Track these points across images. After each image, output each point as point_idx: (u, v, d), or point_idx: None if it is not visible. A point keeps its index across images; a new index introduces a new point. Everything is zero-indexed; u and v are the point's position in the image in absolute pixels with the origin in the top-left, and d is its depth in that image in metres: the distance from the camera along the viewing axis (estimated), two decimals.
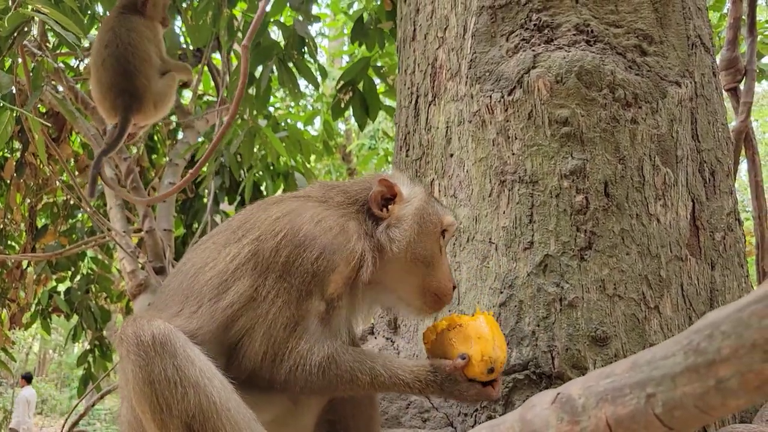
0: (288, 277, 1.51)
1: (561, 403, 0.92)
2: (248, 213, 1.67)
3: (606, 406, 0.85)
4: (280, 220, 1.59)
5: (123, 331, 1.41)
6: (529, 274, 1.87)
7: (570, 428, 0.88)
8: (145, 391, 1.36)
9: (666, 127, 1.97)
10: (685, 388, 0.78)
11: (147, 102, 3.20)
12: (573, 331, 1.78)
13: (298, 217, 1.59)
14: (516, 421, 0.99)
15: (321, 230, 1.56)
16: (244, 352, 1.52)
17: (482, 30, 2.12)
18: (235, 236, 1.59)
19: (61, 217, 6.59)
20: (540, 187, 1.92)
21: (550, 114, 1.94)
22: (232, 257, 1.55)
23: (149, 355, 1.36)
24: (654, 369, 0.82)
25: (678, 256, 1.90)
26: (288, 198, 1.72)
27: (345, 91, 3.86)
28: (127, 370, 1.39)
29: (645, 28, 2.05)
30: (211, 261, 1.57)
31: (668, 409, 0.79)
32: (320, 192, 1.73)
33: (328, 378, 1.51)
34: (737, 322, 0.75)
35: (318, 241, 1.54)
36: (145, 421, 1.41)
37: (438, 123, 2.25)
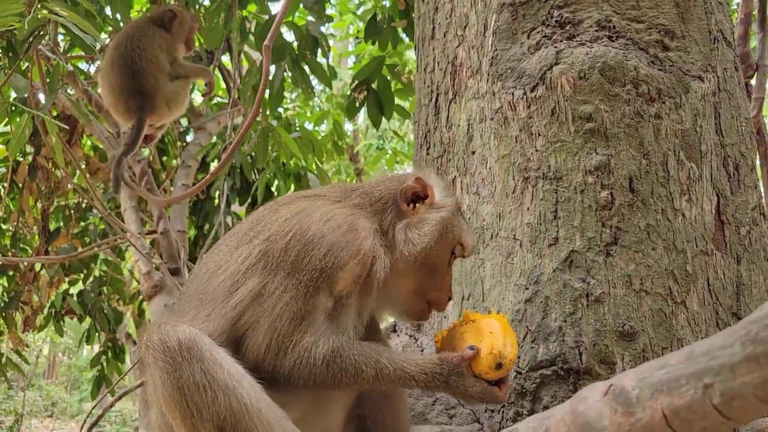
0: (296, 274, 1.53)
1: (614, 394, 0.92)
2: (259, 215, 1.69)
3: (661, 397, 0.86)
4: (289, 220, 1.60)
5: (149, 338, 1.42)
6: (554, 270, 1.88)
7: (625, 420, 0.88)
8: (174, 396, 1.38)
9: (690, 122, 1.97)
10: (744, 378, 0.78)
11: (159, 101, 3.22)
12: (600, 327, 1.79)
13: (307, 217, 1.60)
14: (567, 413, 0.99)
15: (329, 228, 1.57)
16: (247, 344, 1.53)
17: (503, 27, 2.12)
18: (246, 238, 1.62)
19: (74, 219, 6.62)
20: (564, 183, 1.92)
21: (574, 110, 1.94)
22: (244, 258, 1.57)
23: (176, 360, 1.37)
24: (711, 359, 0.82)
25: (704, 251, 1.90)
26: (298, 198, 1.74)
27: (359, 90, 3.87)
28: (155, 376, 1.41)
29: (667, 23, 2.05)
30: (223, 264, 1.60)
31: (726, 399, 0.79)
32: (338, 192, 1.74)
33: (332, 371, 1.51)
34: None
35: (326, 239, 1.55)
36: (176, 426, 1.42)
37: (459, 120, 2.25)
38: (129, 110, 3.20)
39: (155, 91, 3.19)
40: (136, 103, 3.17)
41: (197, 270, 1.71)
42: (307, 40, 3.72)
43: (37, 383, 20.24)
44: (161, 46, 3.20)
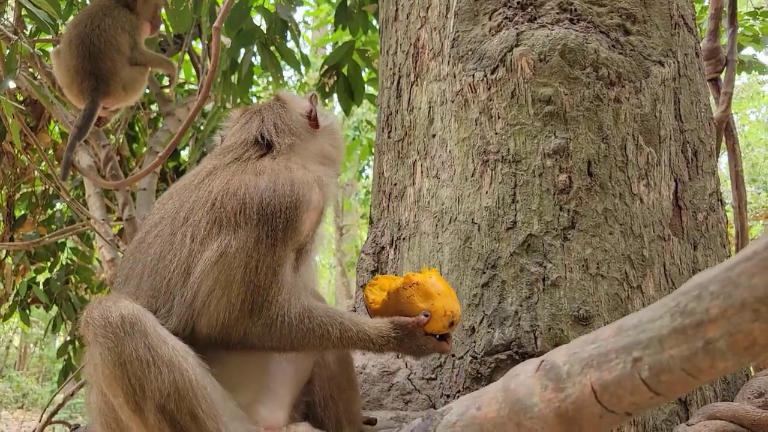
0: (260, 225, 1.48)
1: (545, 370, 0.90)
2: (178, 199, 1.59)
3: (591, 372, 0.84)
4: (231, 182, 1.54)
5: (88, 314, 1.36)
6: (512, 254, 1.86)
7: (554, 396, 0.86)
8: (116, 373, 1.31)
9: (649, 106, 1.96)
10: (672, 350, 0.76)
11: (115, 85, 3.11)
12: (556, 311, 1.77)
13: (249, 176, 1.56)
14: (499, 390, 0.97)
15: (276, 180, 1.54)
16: (212, 310, 1.45)
17: (465, 9, 2.09)
18: (179, 220, 1.53)
19: (40, 206, 6.49)
20: (523, 166, 1.90)
21: (533, 93, 1.92)
22: (191, 236, 1.50)
23: (118, 335, 1.31)
24: (641, 332, 0.80)
25: (661, 236, 1.89)
26: (210, 171, 1.64)
27: (329, 75, 3.82)
28: (95, 354, 1.34)
29: (628, 7, 2.03)
30: (168, 253, 1.50)
31: (655, 373, 0.77)
32: (248, 150, 1.69)
33: (302, 331, 1.48)
34: (726, 281, 0.73)
35: (279, 189, 1.51)
36: (118, 405, 1.36)
37: (420, 103, 2.22)
38: (83, 92, 3.10)
39: (112, 74, 3.09)
40: (91, 84, 3.07)
41: (128, 272, 1.56)
42: (277, 24, 3.66)
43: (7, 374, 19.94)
44: (124, 27, 3.11)
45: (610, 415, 0.86)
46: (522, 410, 0.93)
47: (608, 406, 0.83)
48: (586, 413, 0.87)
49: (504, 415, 0.96)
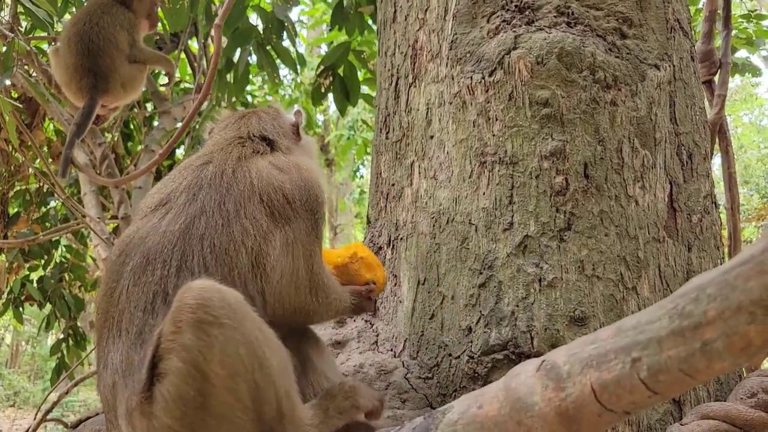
0: (306, 218, 1.65)
1: (546, 370, 0.92)
2: (215, 191, 1.60)
3: (591, 372, 0.85)
4: (270, 178, 1.65)
5: (201, 296, 1.30)
6: (508, 254, 1.88)
7: (555, 395, 0.88)
8: (239, 352, 1.29)
9: (645, 109, 1.98)
10: (670, 351, 0.78)
11: (114, 82, 3.11)
12: (552, 311, 1.79)
13: (282, 172, 1.69)
14: (500, 389, 0.98)
15: (307, 172, 1.72)
16: (284, 295, 1.59)
17: (463, 11, 2.11)
18: (228, 213, 1.56)
19: (34, 204, 6.48)
20: (520, 168, 1.92)
21: (531, 95, 1.94)
22: (253, 231, 1.55)
23: (238, 316, 1.30)
24: (639, 333, 0.82)
25: (656, 238, 1.91)
26: (245, 157, 1.71)
27: (325, 76, 3.83)
28: (213, 334, 1.27)
29: (625, 11, 2.05)
30: (230, 245, 1.51)
31: (653, 373, 0.79)
32: (257, 142, 1.80)
33: (335, 304, 1.76)
34: (723, 284, 0.75)
35: (313, 182, 1.71)
36: (227, 386, 1.29)
37: (418, 105, 2.23)
38: (81, 89, 3.10)
39: (110, 71, 3.09)
40: (89, 82, 3.07)
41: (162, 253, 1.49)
42: (273, 23, 3.66)
43: None
44: (122, 25, 3.10)
45: (609, 414, 0.88)
46: (523, 408, 0.95)
47: (607, 405, 0.85)
48: (586, 412, 0.88)
49: (505, 413, 0.98)
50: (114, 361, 1.38)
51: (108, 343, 1.42)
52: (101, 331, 1.47)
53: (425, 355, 2.01)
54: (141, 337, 1.38)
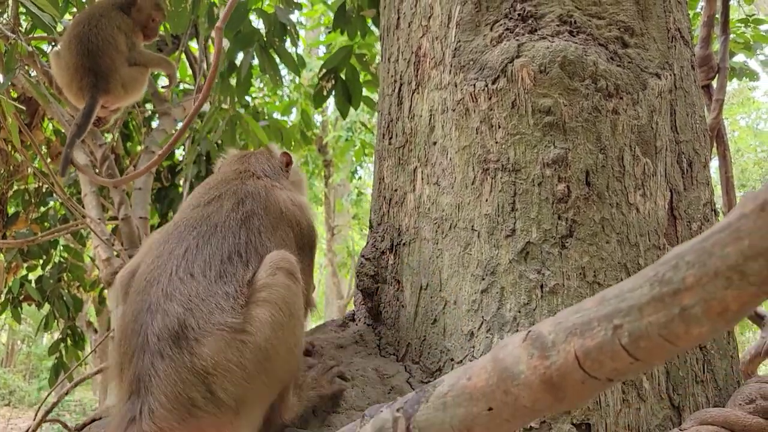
0: (310, 252, 2.05)
1: (531, 339, 0.95)
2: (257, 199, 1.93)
3: (575, 340, 0.88)
4: (279, 202, 1.97)
5: (289, 258, 1.72)
6: (510, 261, 1.90)
7: (540, 363, 0.91)
8: (298, 303, 1.69)
9: (646, 118, 2.00)
10: (650, 317, 0.81)
11: (114, 82, 3.13)
12: None
13: (291, 203, 2.02)
14: (488, 361, 1.01)
15: (310, 212, 2.10)
16: None
17: (466, 19, 2.13)
18: (271, 220, 1.90)
19: (33, 204, 6.48)
20: (522, 175, 1.94)
21: (534, 103, 1.96)
22: (287, 240, 1.92)
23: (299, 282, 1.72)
24: (621, 301, 0.85)
25: (656, 245, 1.93)
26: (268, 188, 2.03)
27: (327, 79, 3.84)
28: (294, 282, 1.68)
29: (626, 20, 2.07)
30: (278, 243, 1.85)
31: (634, 339, 0.82)
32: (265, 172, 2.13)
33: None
34: (701, 251, 0.78)
35: (313, 222, 2.09)
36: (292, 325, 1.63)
37: (421, 111, 2.25)
38: (82, 89, 3.11)
39: (110, 71, 3.11)
40: (90, 81, 3.09)
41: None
42: (276, 27, 3.68)
43: None
44: (120, 28, 3.12)
45: (592, 381, 0.91)
46: (509, 377, 0.98)
47: (590, 372, 0.88)
48: (570, 379, 0.91)
49: (492, 383, 1.00)
50: (185, 293, 1.56)
51: (171, 283, 1.59)
52: (155, 278, 1.63)
53: (427, 360, 2.03)
54: (223, 279, 1.62)
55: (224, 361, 1.46)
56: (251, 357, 1.50)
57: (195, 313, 1.51)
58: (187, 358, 1.46)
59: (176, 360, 1.46)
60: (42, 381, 20.59)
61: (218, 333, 1.49)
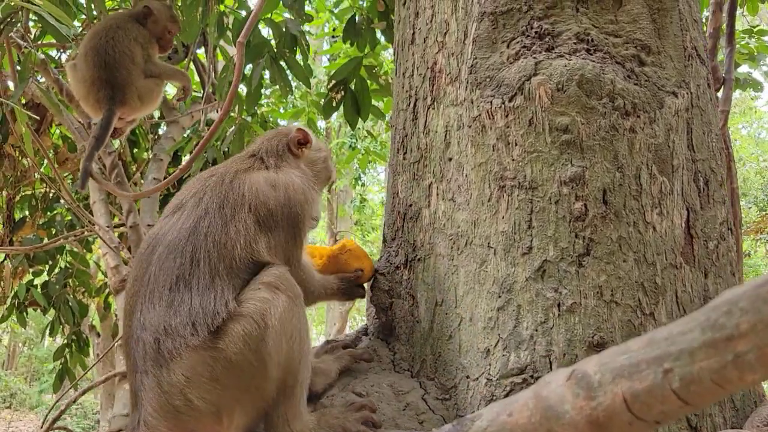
0: (287, 227, 1.97)
1: (577, 379, 0.94)
2: (216, 195, 1.93)
3: (622, 382, 0.88)
4: (258, 191, 1.96)
5: (281, 272, 1.82)
6: (527, 279, 1.90)
7: (586, 403, 0.91)
8: (292, 321, 1.75)
9: (663, 136, 2.01)
10: (702, 363, 0.81)
11: (131, 94, 3.15)
12: (571, 337, 1.81)
13: (267, 184, 1.99)
14: (530, 397, 1.01)
15: (289, 190, 2.01)
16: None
17: (483, 36, 2.14)
18: (225, 215, 1.88)
19: (40, 209, 6.49)
20: (539, 193, 1.94)
21: (551, 121, 1.97)
22: (244, 233, 1.87)
23: (298, 298, 1.80)
24: (671, 345, 0.85)
25: (673, 264, 1.94)
26: (235, 173, 2.02)
27: (336, 90, 3.85)
28: (281, 297, 1.75)
29: (643, 38, 2.08)
30: (228, 242, 1.84)
31: (685, 384, 0.82)
32: (254, 161, 2.12)
33: (313, 292, 2.10)
34: (755, 298, 0.79)
35: (291, 199, 2.00)
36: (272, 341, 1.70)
37: (437, 127, 2.26)
38: (99, 101, 3.13)
39: (127, 83, 3.12)
40: (107, 94, 3.10)
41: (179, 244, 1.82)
42: (286, 38, 3.69)
43: None
44: (137, 39, 3.14)
45: (639, 423, 0.91)
46: (553, 417, 0.98)
47: (638, 415, 0.88)
48: (617, 421, 0.91)
49: (535, 421, 1.00)
50: (153, 324, 1.70)
51: (142, 313, 1.74)
52: (133, 306, 1.78)
53: (443, 376, 2.03)
54: (170, 308, 1.71)
55: (196, 376, 1.65)
56: (222, 369, 1.66)
57: (164, 341, 1.68)
58: (165, 373, 1.66)
59: (158, 376, 1.67)
60: (43, 384, 20.57)
61: (186, 353, 1.67)
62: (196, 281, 1.75)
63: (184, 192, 1.98)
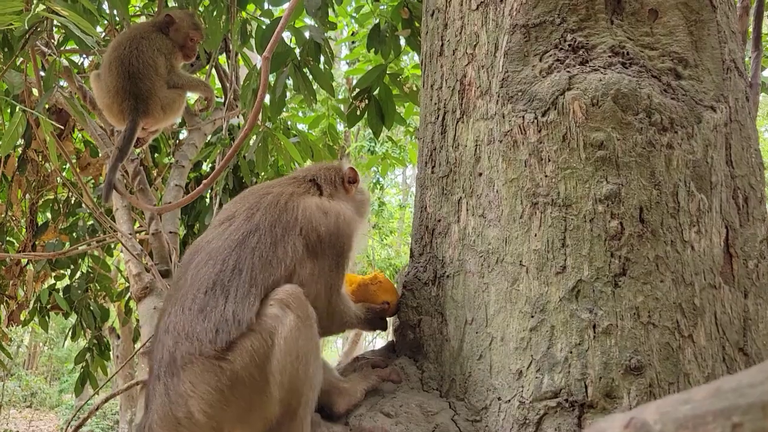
0: (333, 256, 1.99)
1: (636, 428, 0.89)
2: (269, 215, 1.95)
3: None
4: (312, 217, 1.99)
5: (295, 292, 1.80)
6: (561, 299, 1.85)
7: None
8: (299, 341, 1.73)
9: (701, 152, 1.95)
10: None
11: (154, 105, 3.15)
12: (607, 359, 1.76)
13: (320, 212, 2.03)
14: None
15: (339, 219, 2.04)
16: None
17: (515, 49, 2.09)
18: (276, 235, 1.90)
19: (62, 214, 6.53)
20: (573, 210, 1.90)
21: (585, 137, 1.92)
22: (291, 254, 1.89)
23: (309, 319, 1.78)
24: (740, 396, 0.79)
25: (712, 284, 1.88)
26: (297, 194, 2.07)
27: (361, 99, 3.82)
28: (290, 316, 1.74)
29: (680, 51, 2.03)
30: (273, 260, 1.86)
31: None
32: (307, 185, 2.15)
33: (347, 323, 2.13)
34: None
35: (341, 230, 2.03)
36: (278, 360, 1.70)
37: (466, 141, 2.22)
38: (123, 112, 3.14)
39: (150, 93, 3.12)
40: (131, 104, 3.11)
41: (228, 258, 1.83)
42: (310, 46, 3.67)
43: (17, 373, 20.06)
44: (160, 50, 3.14)
45: None
46: None
47: None
48: None
49: None
50: (177, 328, 1.72)
51: (171, 316, 1.76)
52: (166, 308, 1.82)
53: (473, 397, 1.99)
54: (203, 313, 1.72)
55: (201, 385, 1.66)
56: (227, 382, 1.66)
57: (180, 347, 1.70)
58: (175, 381, 1.67)
59: (167, 384, 1.68)
60: (63, 384, 20.78)
61: (197, 361, 1.67)
62: (235, 288, 1.76)
63: (236, 205, 2.01)
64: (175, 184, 4.86)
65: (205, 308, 1.72)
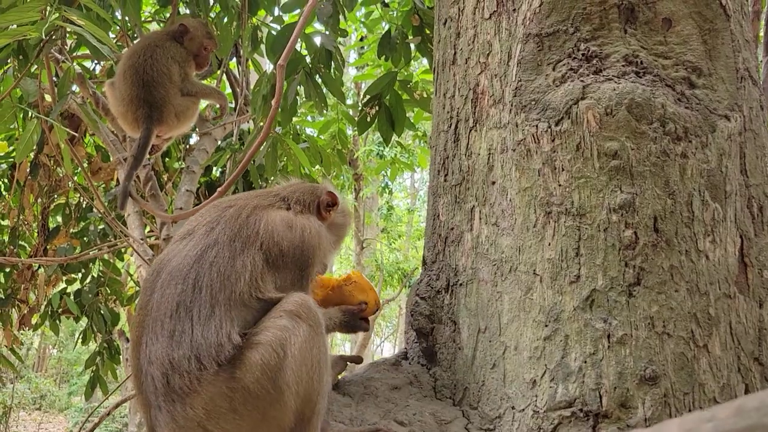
0: (296, 268, 1.92)
1: None
2: (229, 228, 1.89)
3: None
4: (274, 231, 1.92)
5: (304, 300, 1.78)
6: (575, 308, 1.85)
7: None
8: (312, 350, 1.71)
9: (715, 161, 1.95)
10: None
11: (168, 112, 3.18)
12: (622, 369, 1.76)
13: (283, 225, 1.96)
14: None
15: (305, 234, 1.97)
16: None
17: (528, 58, 2.10)
18: (236, 249, 1.84)
19: (74, 218, 6.57)
20: (588, 220, 1.90)
21: (599, 146, 1.92)
22: (251, 269, 1.82)
23: (320, 328, 1.76)
24: (764, 416, 0.79)
25: (726, 294, 1.88)
26: (255, 209, 1.99)
27: (371, 105, 3.83)
28: (302, 326, 1.71)
29: (694, 59, 2.03)
30: (231, 275, 1.79)
31: None
32: (278, 201, 2.09)
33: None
34: None
35: (306, 243, 1.96)
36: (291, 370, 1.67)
37: (479, 149, 2.22)
38: (137, 120, 3.17)
39: (165, 101, 3.15)
40: (145, 112, 3.13)
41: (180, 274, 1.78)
42: (321, 53, 3.68)
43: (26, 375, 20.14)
44: (174, 58, 3.16)
45: None
46: None
47: None
48: None
49: None
50: (158, 357, 1.67)
51: (148, 346, 1.71)
52: (139, 336, 1.75)
53: (486, 406, 1.99)
54: (172, 339, 1.67)
55: (216, 408, 1.63)
56: (241, 399, 1.64)
57: (172, 377, 1.65)
58: (180, 408, 1.64)
59: (172, 411, 1.64)
60: (72, 386, 20.85)
61: (202, 388, 1.64)
62: (197, 309, 1.71)
63: (198, 219, 1.95)
64: (186, 189, 4.88)
65: (174, 335, 1.68)
